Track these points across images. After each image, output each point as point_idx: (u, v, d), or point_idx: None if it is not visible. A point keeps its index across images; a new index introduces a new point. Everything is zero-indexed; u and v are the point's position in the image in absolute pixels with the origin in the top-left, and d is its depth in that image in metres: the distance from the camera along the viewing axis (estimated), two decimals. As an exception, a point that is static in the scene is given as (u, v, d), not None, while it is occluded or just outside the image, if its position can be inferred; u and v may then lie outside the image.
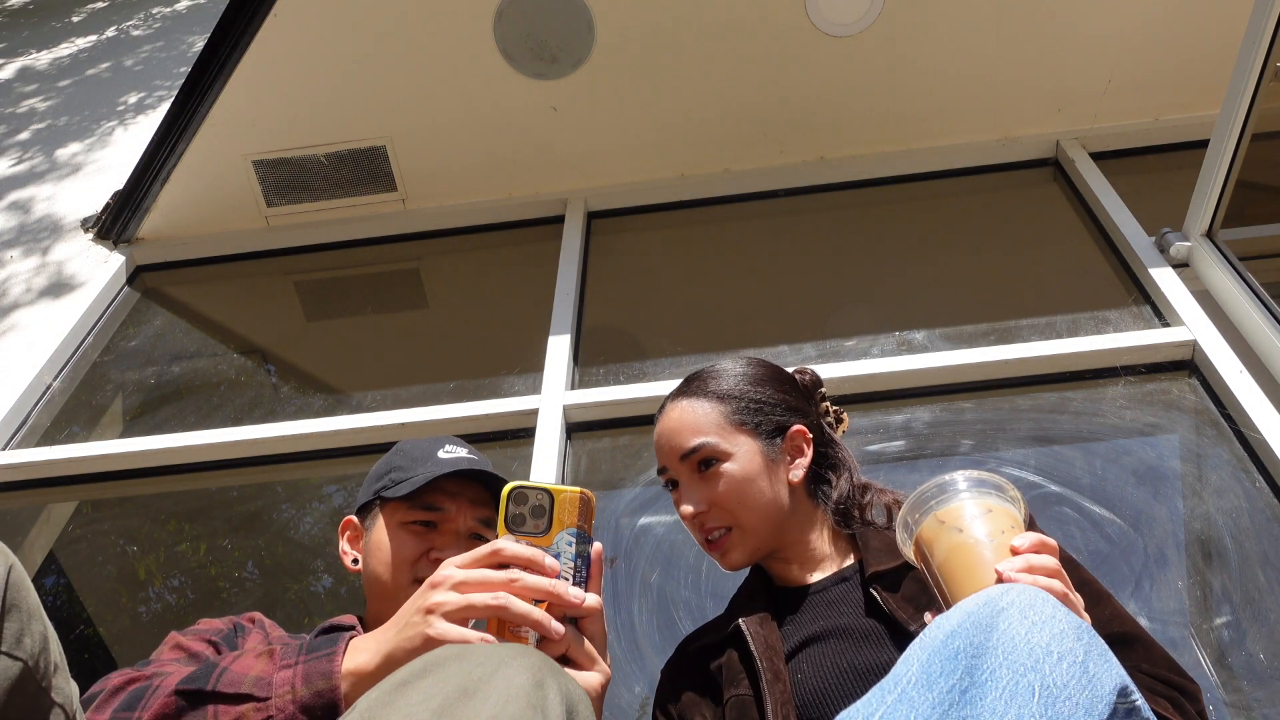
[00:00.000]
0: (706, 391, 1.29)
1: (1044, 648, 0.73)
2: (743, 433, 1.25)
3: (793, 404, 1.30)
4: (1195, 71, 2.75)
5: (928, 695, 0.73)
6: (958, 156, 2.88)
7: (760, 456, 1.24)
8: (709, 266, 2.82)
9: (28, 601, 0.74)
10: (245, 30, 2.67)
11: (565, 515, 0.89)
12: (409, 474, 1.25)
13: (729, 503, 1.22)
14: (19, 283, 3.17)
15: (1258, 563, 1.74)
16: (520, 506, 0.89)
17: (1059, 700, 0.70)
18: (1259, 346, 2.06)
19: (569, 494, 0.90)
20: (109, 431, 2.53)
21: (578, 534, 0.89)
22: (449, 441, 1.31)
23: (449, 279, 3.05)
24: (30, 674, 0.72)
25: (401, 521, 1.23)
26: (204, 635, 1.17)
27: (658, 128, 2.87)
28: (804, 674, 1.11)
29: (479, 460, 1.29)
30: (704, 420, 1.26)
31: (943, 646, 0.76)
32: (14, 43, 5.63)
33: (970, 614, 0.77)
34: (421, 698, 0.68)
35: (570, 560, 0.89)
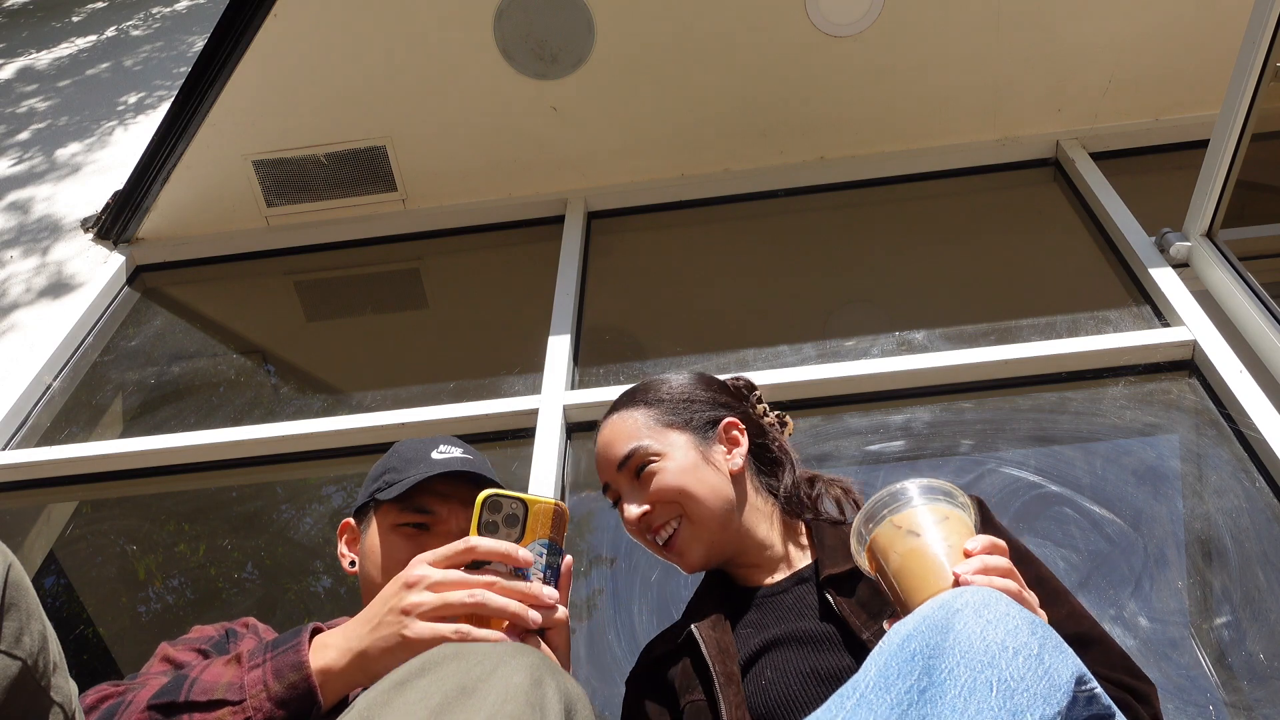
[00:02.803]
0: (634, 401, 1.30)
1: (999, 644, 0.74)
2: (674, 430, 1.26)
3: (723, 401, 1.32)
4: (1195, 71, 2.75)
5: (885, 697, 0.74)
6: (958, 156, 2.88)
7: (694, 450, 1.24)
8: (709, 266, 2.82)
9: (27, 600, 0.74)
10: (245, 30, 2.67)
11: (538, 526, 0.90)
12: (402, 475, 1.24)
13: (670, 494, 1.21)
14: (19, 283, 3.17)
15: (1258, 563, 1.74)
16: (494, 514, 0.89)
17: (1016, 693, 0.71)
18: (1259, 346, 2.06)
19: (543, 505, 0.90)
20: (109, 431, 2.53)
21: (549, 545, 0.90)
22: (445, 442, 1.30)
23: (449, 279, 3.05)
24: (29, 673, 0.72)
25: (393, 524, 1.23)
26: (194, 644, 1.16)
27: (658, 128, 2.87)
28: (767, 680, 1.11)
29: (474, 461, 1.28)
30: (634, 427, 1.26)
31: (899, 650, 0.77)
32: (14, 43, 5.63)
33: (926, 617, 0.78)
34: (420, 696, 0.69)
35: (541, 569, 0.89)
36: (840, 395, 2.18)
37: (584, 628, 1.85)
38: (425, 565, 0.88)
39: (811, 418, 2.17)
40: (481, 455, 1.34)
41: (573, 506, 2.07)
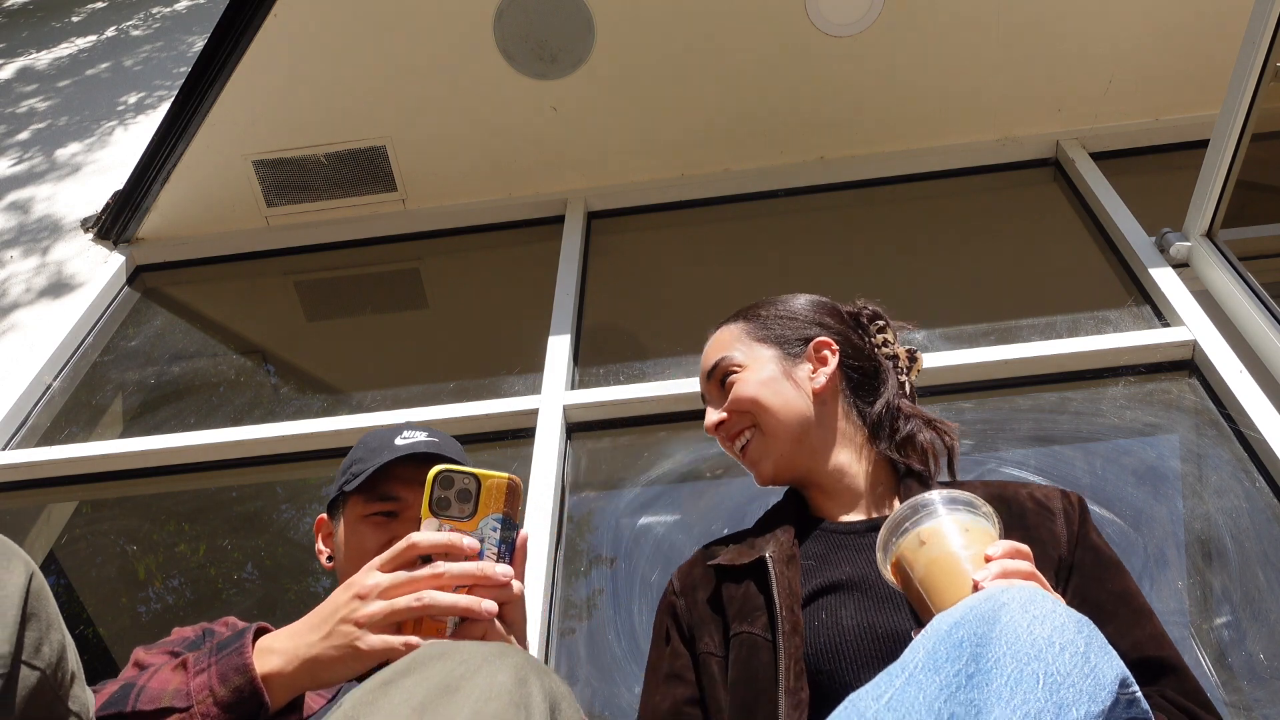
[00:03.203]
0: (738, 315, 1.34)
1: (1045, 639, 0.74)
2: (762, 345, 1.28)
3: (826, 323, 1.31)
4: (1195, 71, 2.75)
5: (935, 678, 0.74)
6: (958, 156, 2.88)
7: (777, 363, 1.26)
8: (709, 266, 2.82)
9: (47, 610, 0.74)
10: (245, 30, 2.67)
11: (492, 501, 0.89)
12: (367, 465, 1.24)
13: (744, 404, 1.24)
14: (19, 283, 3.17)
15: (1258, 563, 1.74)
16: (446, 490, 0.88)
17: (1063, 687, 0.71)
18: (1259, 346, 2.06)
19: (496, 480, 0.89)
20: (109, 431, 2.53)
21: (503, 520, 0.89)
22: (409, 427, 1.30)
23: (449, 279, 3.05)
24: (48, 683, 0.72)
25: (362, 515, 1.23)
26: (168, 647, 1.15)
27: (658, 127, 2.87)
28: (820, 622, 1.08)
29: (438, 443, 1.27)
30: (728, 339, 1.31)
31: (947, 636, 0.77)
32: (14, 43, 5.63)
33: (973, 608, 0.78)
34: (404, 696, 0.69)
35: (494, 545, 0.88)
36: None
37: (584, 628, 1.85)
38: (375, 572, 0.87)
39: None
40: (449, 437, 1.33)
41: (573, 506, 2.07)
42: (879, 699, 0.76)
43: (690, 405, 2.21)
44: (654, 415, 2.22)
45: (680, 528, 2.00)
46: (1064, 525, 1.15)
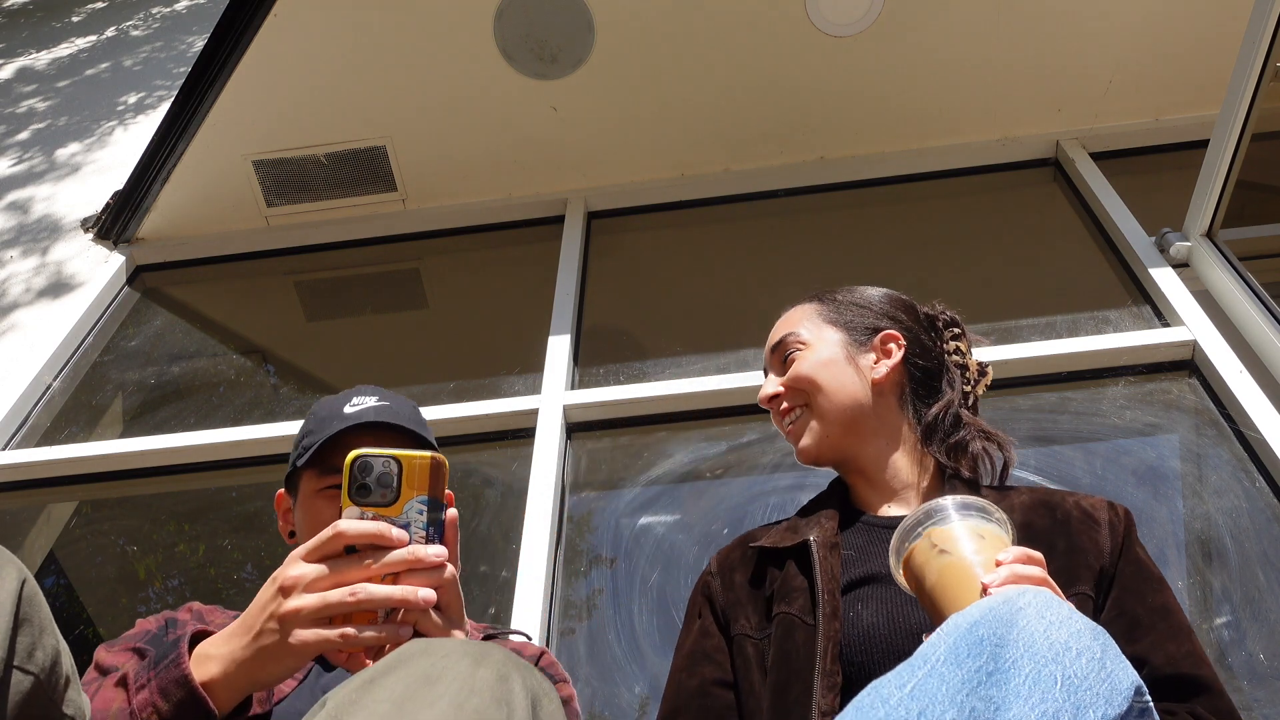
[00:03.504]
0: (813, 295, 1.35)
1: (1063, 643, 0.75)
2: (830, 327, 1.29)
3: (898, 318, 1.31)
4: (1195, 71, 2.75)
5: (957, 672, 0.75)
6: (958, 156, 2.88)
7: (841, 347, 1.26)
8: (709, 266, 2.82)
9: (40, 615, 0.74)
10: (245, 30, 2.67)
11: (415, 482, 0.84)
12: (318, 438, 1.20)
13: (800, 382, 1.24)
14: (19, 283, 3.17)
15: (1258, 563, 1.74)
16: (365, 476, 0.84)
17: (1080, 690, 0.72)
18: (1259, 346, 2.06)
19: (418, 459, 0.85)
20: (109, 431, 2.53)
21: (429, 501, 0.85)
22: (359, 392, 1.27)
23: (449, 279, 3.05)
24: (41, 688, 0.72)
25: (316, 489, 1.20)
26: (131, 642, 1.12)
27: (658, 128, 2.87)
28: (855, 614, 1.08)
29: (389, 407, 1.23)
30: (798, 316, 1.32)
31: (968, 633, 0.78)
32: (14, 43, 5.63)
33: (991, 609, 0.79)
34: (385, 694, 0.69)
35: (421, 529, 0.85)
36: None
37: (584, 628, 1.85)
38: (299, 563, 0.84)
39: (811, 418, 2.17)
40: (401, 399, 1.29)
41: (573, 506, 2.07)
42: (902, 687, 0.76)
43: (690, 405, 2.22)
44: (654, 415, 2.22)
45: (680, 528, 2.00)
46: (1108, 535, 1.14)
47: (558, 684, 1.18)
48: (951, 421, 1.26)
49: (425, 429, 1.27)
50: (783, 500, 1.98)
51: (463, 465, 2.27)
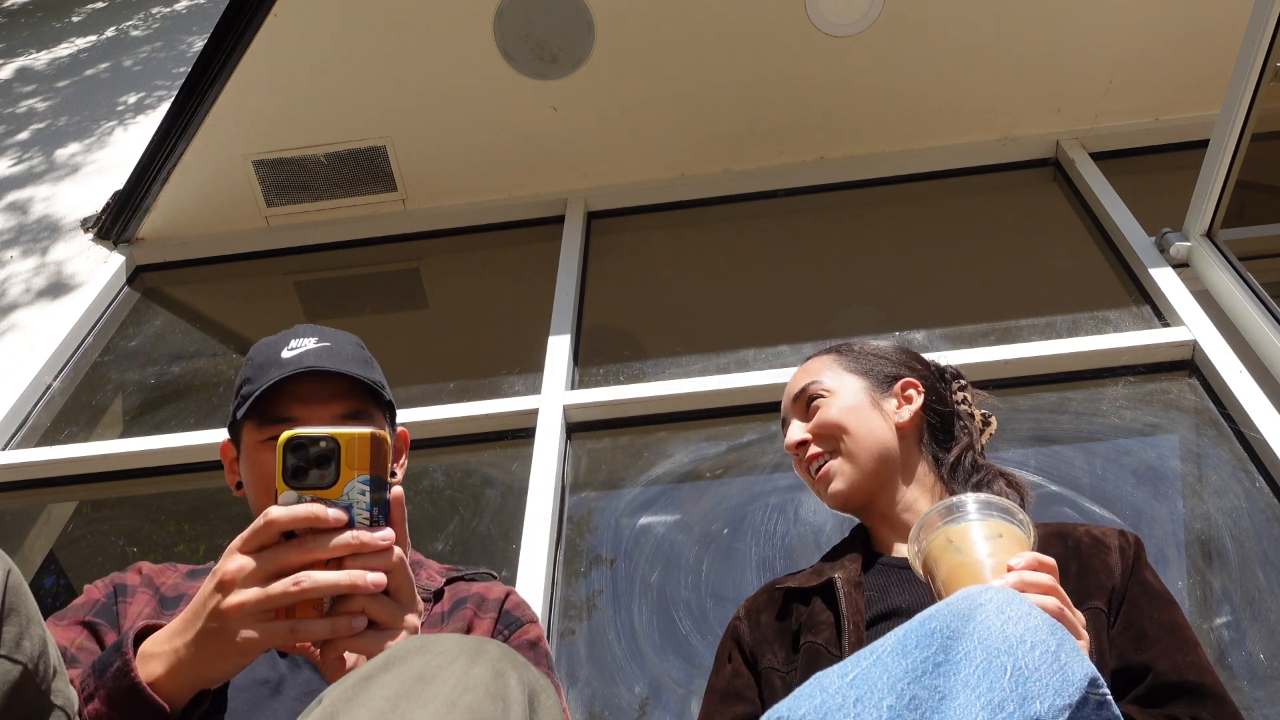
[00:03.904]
0: (830, 348, 1.38)
1: (1018, 637, 0.76)
2: (852, 374, 1.32)
3: (914, 366, 1.35)
4: (1195, 71, 2.75)
5: (902, 662, 0.76)
6: (958, 156, 2.88)
7: (865, 393, 1.30)
8: (709, 266, 2.82)
9: (26, 605, 0.74)
10: (245, 30, 2.67)
11: (355, 460, 0.79)
12: (256, 385, 1.13)
13: (829, 428, 1.27)
14: (19, 283, 3.17)
15: (1258, 563, 1.74)
16: (300, 457, 0.78)
17: (1030, 680, 0.73)
18: (1259, 346, 2.06)
19: (357, 436, 0.79)
20: (109, 431, 2.53)
21: (371, 480, 0.79)
22: (296, 334, 1.19)
23: (449, 279, 3.05)
24: (30, 677, 0.72)
25: (258, 441, 1.14)
26: (79, 615, 1.08)
27: (658, 128, 2.87)
28: None
29: (329, 349, 1.16)
30: (819, 366, 1.35)
31: (919, 626, 0.78)
32: (13, 43, 5.63)
33: (950, 604, 0.80)
34: (381, 691, 0.69)
35: (366, 509, 0.79)
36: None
37: (584, 628, 1.85)
38: (236, 555, 0.78)
39: (811, 418, 2.17)
40: (344, 336, 1.22)
41: (573, 506, 2.07)
42: (844, 676, 0.77)
43: (690, 405, 2.22)
44: (654, 415, 2.22)
45: (680, 528, 2.00)
46: (1119, 558, 1.18)
47: (525, 624, 1.17)
48: (971, 464, 1.31)
49: (371, 368, 1.21)
50: (782, 500, 1.99)
51: (463, 465, 2.27)
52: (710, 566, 1.89)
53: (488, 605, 1.18)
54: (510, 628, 1.16)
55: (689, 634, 1.78)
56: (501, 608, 1.18)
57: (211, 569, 1.18)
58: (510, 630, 1.16)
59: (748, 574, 1.87)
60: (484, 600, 1.18)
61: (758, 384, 2.19)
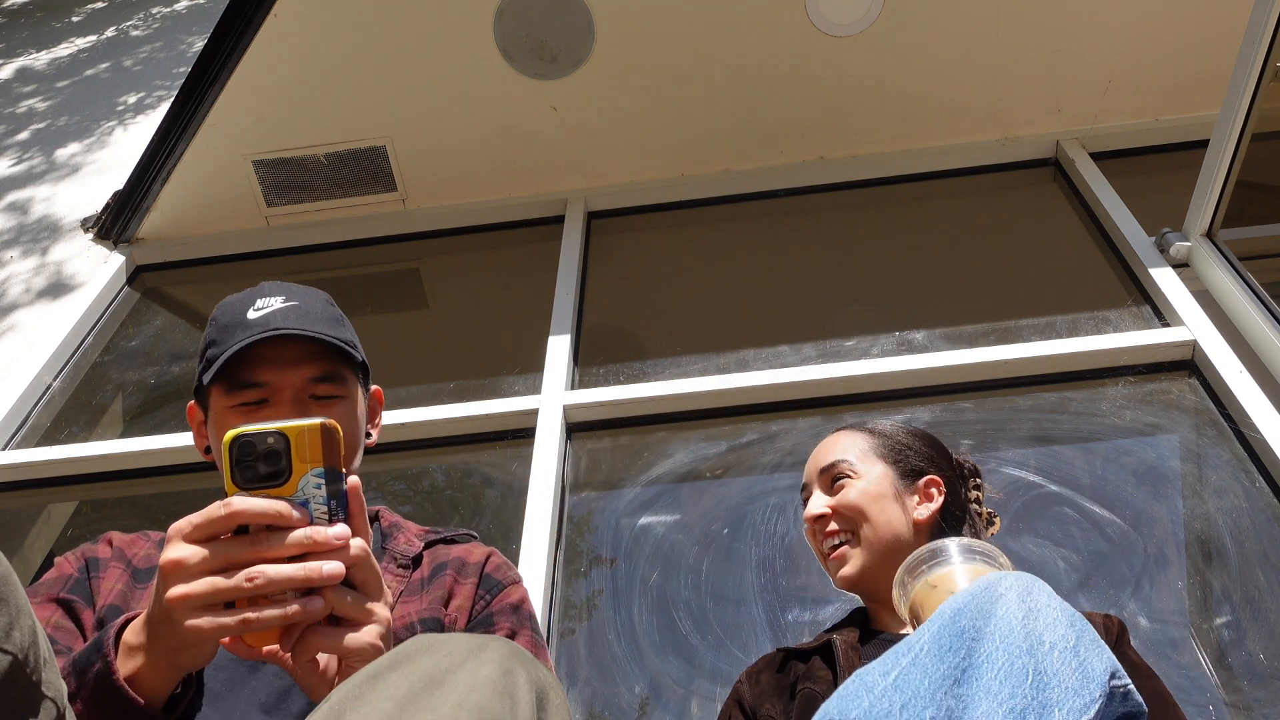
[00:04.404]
0: (861, 426, 1.41)
1: (1037, 636, 0.76)
2: (881, 461, 1.35)
3: (937, 461, 1.39)
4: (1195, 71, 2.75)
5: (939, 665, 0.77)
6: (958, 156, 2.88)
7: (890, 483, 1.33)
8: (709, 266, 2.82)
9: (16, 596, 0.73)
10: (245, 30, 2.67)
11: (307, 454, 0.75)
12: (221, 348, 1.09)
13: (850, 509, 1.30)
14: (19, 283, 3.17)
15: (1258, 563, 1.74)
16: (248, 456, 0.74)
17: (1050, 686, 0.74)
18: (1259, 346, 2.06)
19: (306, 428, 0.75)
20: (109, 431, 2.53)
21: (326, 473, 0.75)
22: (262, 292, 1.14)
23: (449, 279, 3.05)
24: (20, 667, 0.72)
25: (226, 407, 1.09)
26: (53, 592, 1.05)
27: (658, 128, 2.87)
28: None
29: (297, 308, 1.11)
30: (849, 444, 1.37)
31: (951, 623, 0.80)
32: (13, 43, 5.63)
33: (974, 596, 0.81)
34: (389, 690, 0.69)
35: (323, 503, 0.75)
36: (840, 395, 2.18)
37: (584, 628, 1.85)
38: (181, 544, 0.75)
39: (811, 418, 2.17)
40: (314, 292, 1.17)
41: (573, 506, 2.07)
42: (886, 675, 0.78)
43: (690, 405, 2.22)
44: (654, 415, 2.22)
45: (680, 528, 2.00)
46: (1103, 634, 1.20)
47: (507, 587, 1.16)
48: None
49: (341, 327, 1.16)
50: (782, 500, 1.99)
51: (463, 465, 2.27)
52: (710, 566, 1.89)
53: (468, 570, 1.16)
54: (491, 592, 1.15)
55: (689, 634, 1.78)
56: (482, 571, 1.16)
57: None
58: (491, 595, 1.14)
59: (748, 574, 1.87)
60: (464, 564, 1.16)
61: (758, 384, 2.19)
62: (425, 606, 1.11)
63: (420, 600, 1.12)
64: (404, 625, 1.08)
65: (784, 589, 1.83)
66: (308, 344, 1.09)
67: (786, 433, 2.15)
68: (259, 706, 0.99)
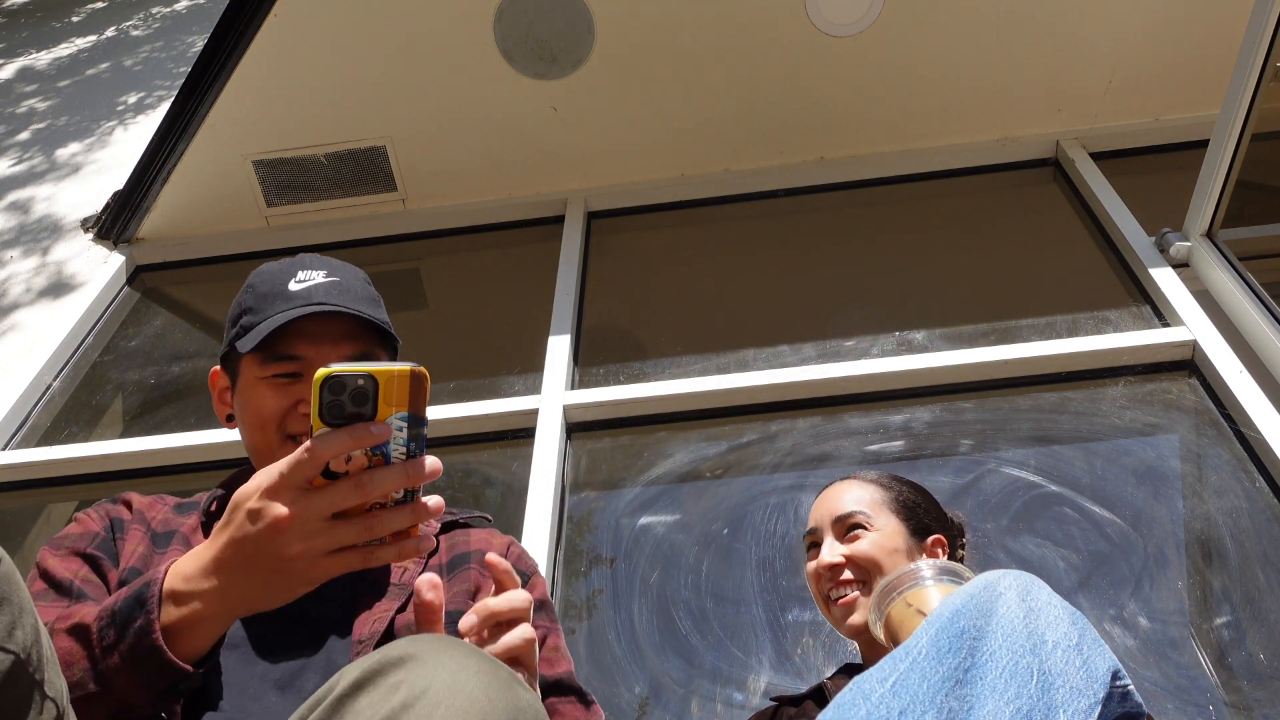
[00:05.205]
0: (872, 479, 1.42)
1: (1040, 635, 0.76)
2: (896, 517, 1.37)
3: (944, 523, 1.42)
4: (1195, 71, 2.75)
5: (939, 668, 0.76)
6: (958, 156, 2.88)
7: (903, 539, 1.35)
8: (709, 266, 2.82)
9: (19, 595, 0.73)
10: (245, 30, 2.67)
11: (393, 397, 0.76)
12: (259, 317, 1.08)
13: (867, 562, 1.32)
14: (19, 283, 3.17)
15: (1258, 563, 1.75)
16: (338, 395, 0.75)
17: (1055, 686, 0.73)
18: (1259, 346, 2.06)
19: (396, 372, 0.76)
20: (109, 431, 2.53)
21: (409, 418, 0.77)
22: (304, 265, 1.13)
23: (449, 279, 3.05)
24: (23, 666, 0.72)
25: (259, 377, 1.08)
26: (78, 546, 1.07)
27: (658, 128, 2.87)
28: None
29: (339, 284, 1.11)
30: (866, 495, 1.39)
31: (950, 624, 0.79)
32: (14, 43, 5.63)
33: (973, 596, 0.80)
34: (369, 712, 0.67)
35: (402, 445, 0.77)
36: (840, 395, 2.18)
37: (584, 628, 1.85)
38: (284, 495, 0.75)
39: (811, 418, 2.17)
40: (351, 268, 1.17)
41: (573, 506, 2.07)
42: (884, 681, 0.77)
43: (690, 405, 2.22)
44: (654, 415, 2.22)
45: (680, 528, 2.00)
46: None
47: (532, 578, 1.14)
48: None
49: (378, 307, 1.17)
50: (783, 500, 1.99)
51: (463, 465, 2.27)
52: (710, 566, 1.89)
53: None
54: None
55: (689, 634, 1.78)
56: (505, 555, 1.15)
57: (198, 503, 1.16)
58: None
59: (748, 574, 1.87)
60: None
61: (758, 384, 2.19)
62: (450, 599, 1.07)
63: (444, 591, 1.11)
64: None
65: (784, 589, 1.83)
66: (348, 321, 1.10)
67: (786, 433, 2.15)
68: (273, 684, 0.99)
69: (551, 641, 1.11)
